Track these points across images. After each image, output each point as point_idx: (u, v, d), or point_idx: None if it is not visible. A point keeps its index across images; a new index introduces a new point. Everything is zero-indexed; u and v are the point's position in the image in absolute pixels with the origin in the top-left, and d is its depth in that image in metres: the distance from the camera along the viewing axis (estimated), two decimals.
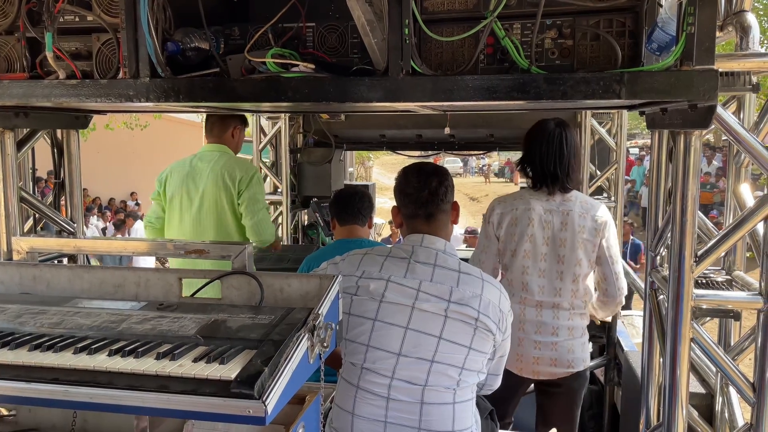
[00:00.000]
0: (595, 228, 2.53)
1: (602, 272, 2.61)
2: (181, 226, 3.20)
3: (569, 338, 2.57)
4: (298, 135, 4.85)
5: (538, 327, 2.57)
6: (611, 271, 2.59)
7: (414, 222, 1.94)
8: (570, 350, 2.57)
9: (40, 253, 2.16)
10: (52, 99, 1.87)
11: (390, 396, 1.79)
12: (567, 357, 2.57)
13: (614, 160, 4.44)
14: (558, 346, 2.57)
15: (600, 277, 2.63)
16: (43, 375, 1.22)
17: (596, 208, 2.59)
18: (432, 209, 1.91)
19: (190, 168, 3.20)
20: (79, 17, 1.88)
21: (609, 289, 2.61)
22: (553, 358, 2.57)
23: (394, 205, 2.01)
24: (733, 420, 2.22)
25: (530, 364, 2.59)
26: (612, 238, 2.58)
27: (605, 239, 2.55)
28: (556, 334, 2.57)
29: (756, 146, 1.77)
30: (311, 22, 1.85)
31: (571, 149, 2.56)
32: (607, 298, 2.64)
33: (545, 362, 2.58)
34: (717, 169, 14.95)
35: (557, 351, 2.57)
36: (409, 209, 1.93)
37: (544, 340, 2.57)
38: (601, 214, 2.56)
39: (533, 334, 2.57)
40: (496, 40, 1.67)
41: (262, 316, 1.43)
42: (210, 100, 1.79)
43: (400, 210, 1.97)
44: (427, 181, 1.91)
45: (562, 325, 2.56)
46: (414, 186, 1.92)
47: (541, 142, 2.55)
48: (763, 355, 1.79)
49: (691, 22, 1.48)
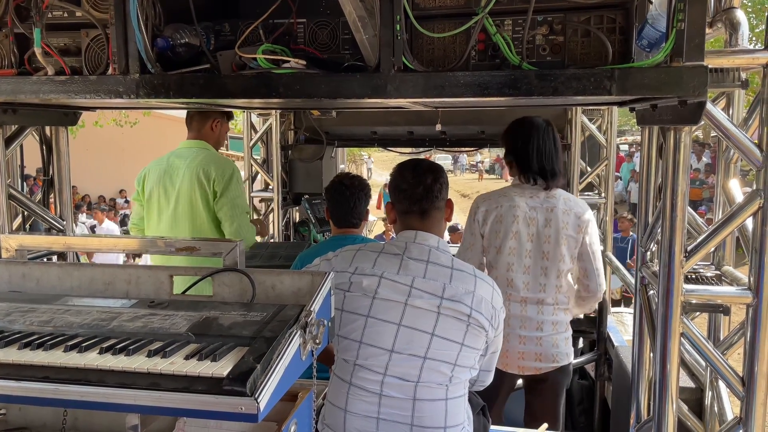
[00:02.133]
0: (578, 224, 2.57)
1: (584, 268, 2.64)
2: (159, 226, 3.11)
3: (554, 333, 2.60)
4: (289, 132, 4.84)
5: (522, 322, 2.59)
6: (593, 267, 2.63)
7: (408, 218, 1.94)
8: (554, 344, 2.60)
9: (30, 251, 2.14)
10: (41, 95, 1.86)
11: (382, 392, 1.79)
12: (551, 351, 2.60)
13: (604, 157, 4.46)
14: (542, 340, 2.59)
15: (581, 273, 2.66)
16: (33, 373, 1.21)
17: (579, 205, 2.64)
18: (426, 205, 1.92)
19: (167, 165, 3.09)
20: (67, 13, 1.86)
21: (590, 285, 2.65)
22: (538, 352, 2.60)
23: (388, 201, 2.02)
24: (722, 414, 2.24)
25: (515, 359, 2.61)
26: (594, 234, 2.62)
27: (588, 236, 2.59)
28: (541, 329, 2.59)
29: (745, 142, 1.78)
30: (302, 18, 1.84)
31: (553, 146, 2.59)
32: (588, 294, 2.68)
33: (530, 357, 2.61)
34: (705, 166, 15.05)
35: (542, 346, 2.60)
36: (404, 205, 1.94)
37: (529, 335, 2.59)
38: (584, 211, 2.61)
39: (518, 329, 2.59)
40: (487, 36, 1.67)
41: (254, 313, 1.43)
42: (200, 96, 1.78)
43: (394, 206, 1.98)
44: (422, 178, 1.92)
45: (546, 320, 2.59)
46: (409, 182, 1.93)
47: (525, 140, 2.59)
48: (752, 350, 1.81)
49: (681, 18, 1.48)
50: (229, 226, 3.03)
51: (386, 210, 2.03)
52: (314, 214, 4.13)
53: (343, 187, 2.72)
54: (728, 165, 2.23)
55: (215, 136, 3.19)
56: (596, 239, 2.64)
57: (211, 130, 3.17)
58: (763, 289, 1.79)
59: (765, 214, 1.76)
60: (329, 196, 2.76)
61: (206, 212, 3.04)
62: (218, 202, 3.01)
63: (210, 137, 3.17)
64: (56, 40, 1.88)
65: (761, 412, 1.82)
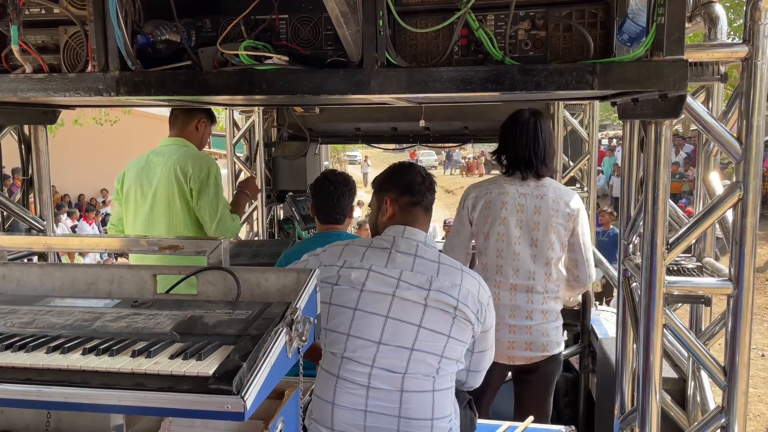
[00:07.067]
0: (569, 213, 2.58)
1: (575, 258, 2.66)
2: (135, 224, 3.04)
3: (543, 322, 2.61)
4: (273, 129, 4.81)
5: (512, 311, 2.60)
6: (583, 258, 2.65)
7: (413, 210, 2.00)
8: (544, 333, 2.61)
9: (9, 252, 2.11)
10: (19, 94, 1.83)
11: (370, 384, 1.80)
12: (541, 340, 2.61)
13: (586, 151, 4.50)
14: (532, 329, 2.60)
15: (571, 263, 2.68)
16: (15, 375, 1.19)
17: (570, 194, 2.65)
18: (430, 200, 2.04)
19: (146, 163, 3.02)
20: (45, 9, 1.83)
21: (580, 275, 2.68)
22: (528, 341, 2.61)
23: (386, 197, 2.03)
24: (704, 403, 2.27)
25: (505, 348, 2.61)
26: (585, 225, 2.64)
27: (579, 226, 2.60)
28: (531, 318, 2.60)
29: (725, 135, 1.80)
30: (284, 14, 1.83)
31: (545, 137, 2.61)
32: (577, 283, 2.71)
33: (520, 346, 2.61)
34: (684, 159, 15.18)
35: (532, 335, 2.61)
36: (416, 197, 2.01)
37: (519, 323, 2.60)
38: (575, 201, 2.62)
39: (507, 318, 2.60)
40: (470, 31, 1.67)
41: (240, 311, 1.42)
42: (182, 93, 1.77)
43: (397, 199, 2.01)
44: (426, 178, 2.05)
45: (536, 309, 2.60)
46: (418, 180, 2.03)
47: (515, 131, 2.61)
48: (733, 340, 1.84)
49: (661, 13, 1.50)
50: (211, 222, 2.95)
51: (386, 203, 2.03)
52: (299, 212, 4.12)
53: (327, 182, 2.73)
54: (708, 158, 2.25)
55: (198, 137, 3.12)
56: (587, 230, 2.65)
57: (195, 129, 3.10)
58: (743, 280, 1.82)
59: (745, 206, 1.78)
60: (314, 193, 2.77)
61: (183, 210, 2.96)
62: (197, 202, 2.94)
63: (193, 137, 3.10)
64: (34, 38, 1.85)
65: (743, 401, 1.84)
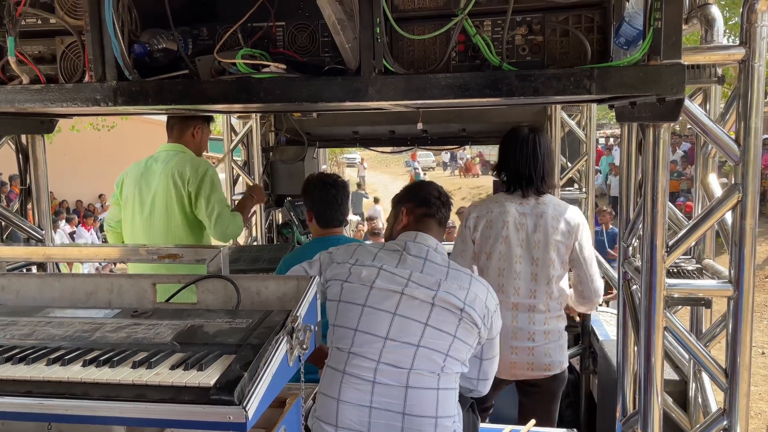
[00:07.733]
0: (569, 230, 2.55)
1: (577, 275, 2.63)
2: (133, 230, 3.06)
3: (546, 342, 2.58)
4: (270, 133, 4.80)
5: (514, 333, 2.57)
6: (586, 273, 2.60)
7: (427, 220, 2.08)
8: (546, 354, 2.59)
9: (8, 262, 2.11)
10: (16, 105, 1.82)
11: (375, 380, 1.82)
12: (544, 361, 2.59)
13: (584, 152, 4.50)
14: (534, 350, 2.58)
15: (576, 279, 2.65)
16: (15, 388, 1.19)
17: (569, 211, 2.61)
18: (445, 215, 2.13)
19: (145, 169, 3.05)
20: (41, 20, 1.83)
21: (585, 291, 2.63)
22: (530, 362, 2.58)
23: (403, 207, 2.11)
24: (706, 405, 2.27)
25: (507, 368, 2.58)
26: (585, 240, 2.60)
27: (578, 241, 2.57)
28: (533, 339, 2.57)
29: (723, 137, 1.80)
30: (281, 22, 1.82)
31: (544, 153, 2.59)
32: (583, 300, 2.67)
33: (522, 366, 2.60)
34: (682, 157, 15.17)
35: (534, 356, 2.58)
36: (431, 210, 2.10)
37: (521, 345, 2.58)
38: (574, 216, 2.59)
39: (510, 339, 2.56)
40: (467, 37, 1.67)
41: (240, 320, 1.42)
42: (180, 102, 1.76)
43: (412, 210, 2.09)
44: (443, 194, 2.16)
45: (538, 330, 2.57)
46: (434, 194, 2.13)
47: (515, 148, 2.60)
48: (734, 341, 1.84)
49: (658, 17, 1.50)
50: (210, 219, 2.95)
51: (402, 213, 2.11)
52: (297, 216, 4.11)
53: (327, 185, 2.70)
54: (706, 159, 2.25)
55: (196, 143, 3.14)
56: (588, 244, 2.61)
57: (192, 137, 3.12)
58: (743, 281, 1.82)
59: (744, 207, 1.78)
60: (313, 196, 2.71)
61: (181, 216, 2.98)
62: (196, 202, 2.95)
63: (191, 143, 3.12)
64: (30, 48, 1.84)
65: (744, 402, 1.84)
